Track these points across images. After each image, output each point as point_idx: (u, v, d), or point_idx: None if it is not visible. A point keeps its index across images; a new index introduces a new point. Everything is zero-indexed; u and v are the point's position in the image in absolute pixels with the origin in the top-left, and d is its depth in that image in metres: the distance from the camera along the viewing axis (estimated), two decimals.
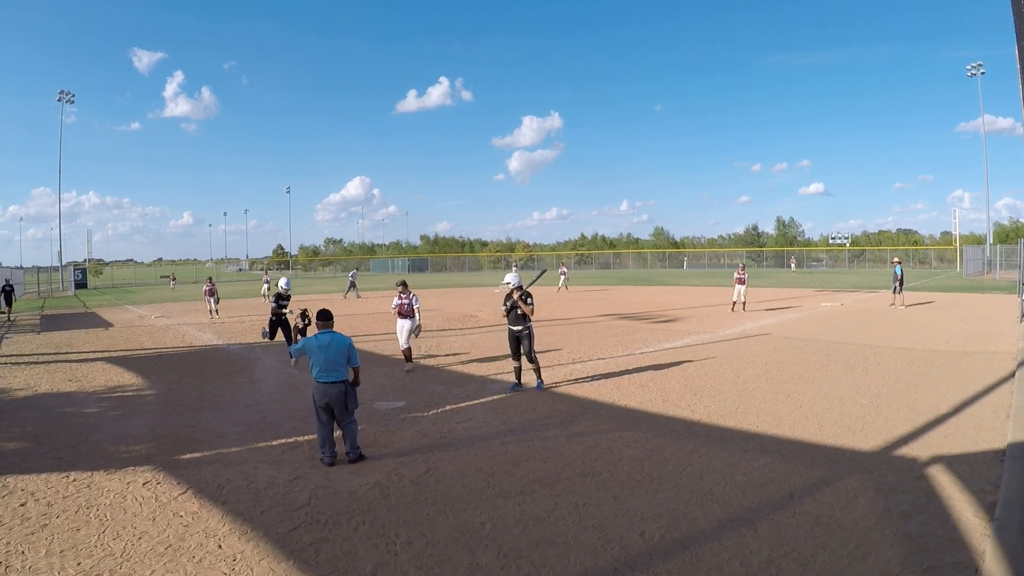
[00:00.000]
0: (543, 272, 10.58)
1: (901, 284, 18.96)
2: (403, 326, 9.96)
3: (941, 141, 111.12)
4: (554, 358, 10.55)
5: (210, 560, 3.76)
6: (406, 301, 9.97)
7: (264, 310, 22.50)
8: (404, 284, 10.10)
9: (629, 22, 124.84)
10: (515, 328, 8.11)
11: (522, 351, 8.16)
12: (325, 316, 5.70)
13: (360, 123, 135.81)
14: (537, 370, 8.31)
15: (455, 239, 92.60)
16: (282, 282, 11.53)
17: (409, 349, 10.01)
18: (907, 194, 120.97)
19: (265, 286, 27.16)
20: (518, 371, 8.33)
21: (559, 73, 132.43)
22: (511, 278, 8.19)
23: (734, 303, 18.36)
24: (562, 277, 30.19)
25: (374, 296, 28.75)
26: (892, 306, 18.88)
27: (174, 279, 45.39)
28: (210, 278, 20.56)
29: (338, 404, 5.44)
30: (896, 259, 20.56)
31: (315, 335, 5.61)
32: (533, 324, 8.37)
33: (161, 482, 5.12)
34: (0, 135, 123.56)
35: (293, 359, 10.31)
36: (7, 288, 21.16)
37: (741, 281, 18.19)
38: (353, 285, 28.90)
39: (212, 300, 19.45)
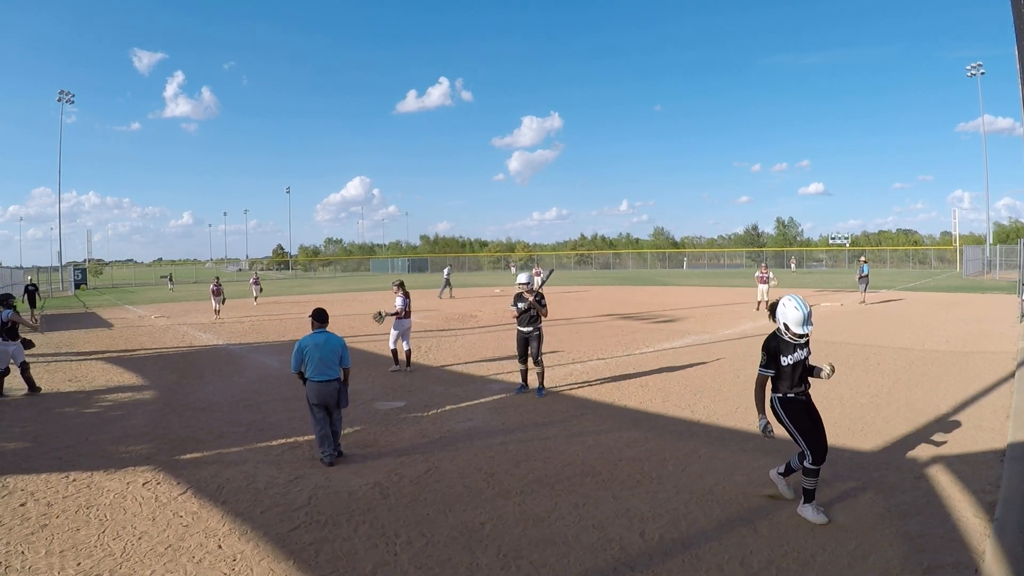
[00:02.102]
0: (551, 271, 10.53)
1: (866, 283, 19.80)
2: (405, 327, 9.81)
3: (941, 141, 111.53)
4: (554, 358, 10.55)
5: (210, 560, 3.76)
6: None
7: (257, 313, 22.43)
8: (402, 284, 10.02)
9: (629, 23, 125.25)
10: (525, 330, 7.93)
11: (530, 352, 7.99)
12: (320, 316, 5.78)
13: (360, 123, 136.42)
14: (541, 374, 8.06)
15: (455, 239, 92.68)
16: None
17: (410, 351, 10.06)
18: (907, 194, 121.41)
19: (256, 289, 25.75)
20: (524, 373, 8.19)
21: (559, 74, 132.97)
22: (524, 278, 8.08)
23: (759, 302, 18.53)
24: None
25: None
26: (862, 303, 19.54)
27: (171, 280, 42.47)
28: (217, 278, 20.99)
29: (332, 401, 5.53)
30: (863, 258, 20.84)
31: (310, 335, 5.67)
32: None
33: (161, 482, 5.12)
34: (0, 135, 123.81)
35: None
36: (31, 288, 21.48)
37: (763, 280, 18.35)
38: (448, 283, 27.74)
39: (218, 300, 19.66)
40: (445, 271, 28.92)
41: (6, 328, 8.59)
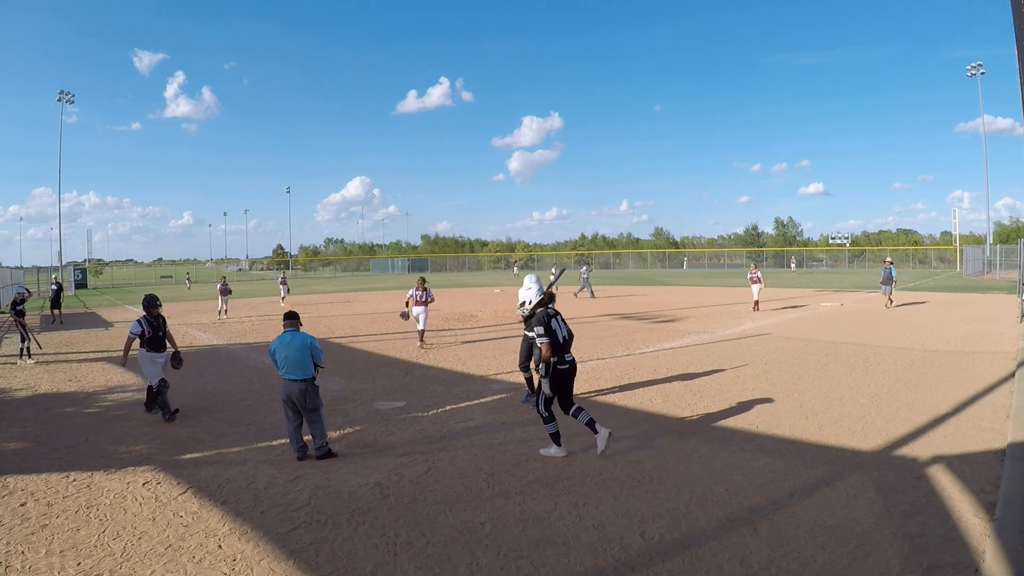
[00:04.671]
0: (563, 270, 10.39)
1: (888, 283, 19.25)
2: (415, 313, 12.18)
3: (941, 141, 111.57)
4: None
5: (210, 560, 3.76)
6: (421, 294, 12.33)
7: (257, 313, 22.49)
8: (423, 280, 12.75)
9: (629, 23, 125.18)
10: (531, 334, 7.35)
11: (533, 358, 7.51)
12: (289, 316, 5.99)
13: (360, 123, 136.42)
14: (540, 384, 7.67)
15: (455, 239, 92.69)
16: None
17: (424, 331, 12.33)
18: (907, 194, 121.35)
19: (284, 288, 25.13)
20: (529, 381, 7.82)
21: (559, 74, 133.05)
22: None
23: (756, 302, 18.54)
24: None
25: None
26: (892, 306, 19.06)
27: (188, 278, 49.05)
28: (224, 277, 21.42)
29: (298, 401, 5.64)
30: (888, 259, 20.66)
31: (279, 335, 5.84)
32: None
33: (161, 482, 5.12)
34: (0, 135, 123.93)
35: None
36: (56, 288, 21.70)
37: (755, 280, 18.41)
38: (587, 282, 26.59)
39: (224, 299, 19.87)
40: (583, 270, 27.43)
41: (147, 338, 7.39)
